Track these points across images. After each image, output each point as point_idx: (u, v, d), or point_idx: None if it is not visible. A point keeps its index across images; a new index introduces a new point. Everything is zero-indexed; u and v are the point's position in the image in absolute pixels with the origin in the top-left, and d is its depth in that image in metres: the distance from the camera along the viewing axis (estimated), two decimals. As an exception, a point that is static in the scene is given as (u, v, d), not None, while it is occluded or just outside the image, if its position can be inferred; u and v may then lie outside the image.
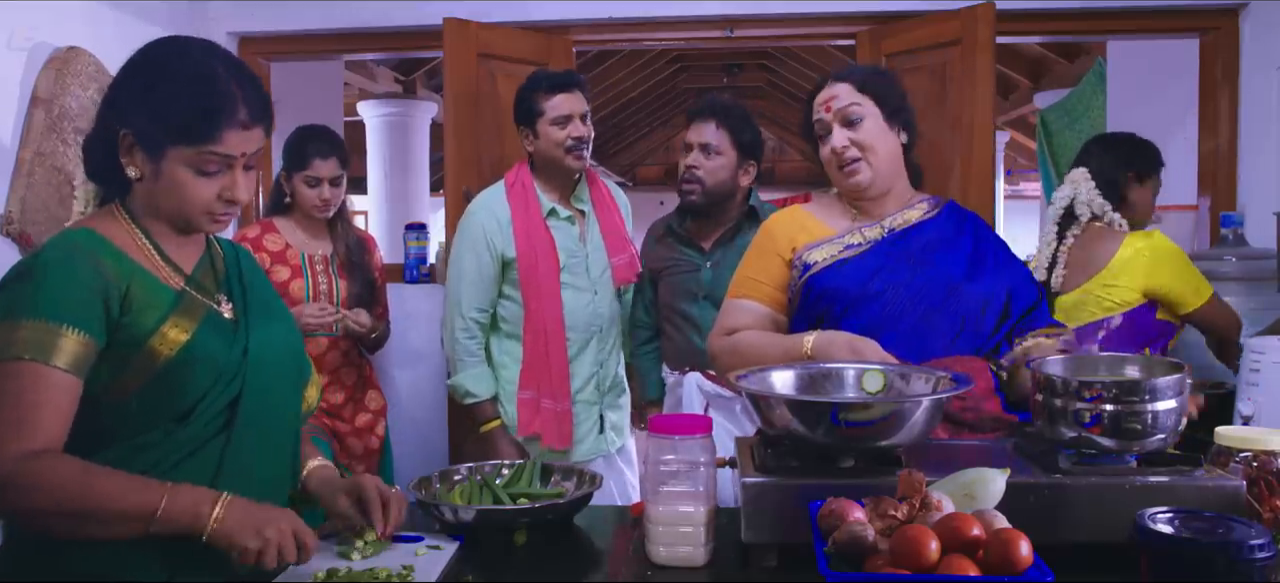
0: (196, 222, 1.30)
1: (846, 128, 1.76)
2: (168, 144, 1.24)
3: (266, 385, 1.33)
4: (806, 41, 6.11)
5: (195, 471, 1.25)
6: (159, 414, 1.25)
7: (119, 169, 1.28)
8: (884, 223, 1.80)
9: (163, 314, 1.25)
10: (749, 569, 1.32)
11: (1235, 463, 1.35)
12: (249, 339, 1.32)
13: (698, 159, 2.58)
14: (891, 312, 1.73)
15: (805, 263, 1.79)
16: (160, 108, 1.23)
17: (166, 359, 1.23)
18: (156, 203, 1.29)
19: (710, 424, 1.37)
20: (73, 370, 1.17)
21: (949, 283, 1.75)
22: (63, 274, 1.19)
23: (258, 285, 1.43)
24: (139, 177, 1.27)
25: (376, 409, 2.88)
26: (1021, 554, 1.03)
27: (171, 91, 1.24)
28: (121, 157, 1.26)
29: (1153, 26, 3.42)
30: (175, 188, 1.26)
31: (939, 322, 1.73)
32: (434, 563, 1.34)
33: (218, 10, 3.48)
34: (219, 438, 1.29)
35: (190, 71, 1.25)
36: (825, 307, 1.76)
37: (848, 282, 1.75)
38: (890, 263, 1.76)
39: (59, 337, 1.16)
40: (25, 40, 2.70)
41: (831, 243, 1.79)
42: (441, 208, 3.56)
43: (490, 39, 3.36)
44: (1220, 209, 3.18)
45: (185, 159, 1.24)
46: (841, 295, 1.74)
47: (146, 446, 1.24)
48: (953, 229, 1.82)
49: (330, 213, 2.77)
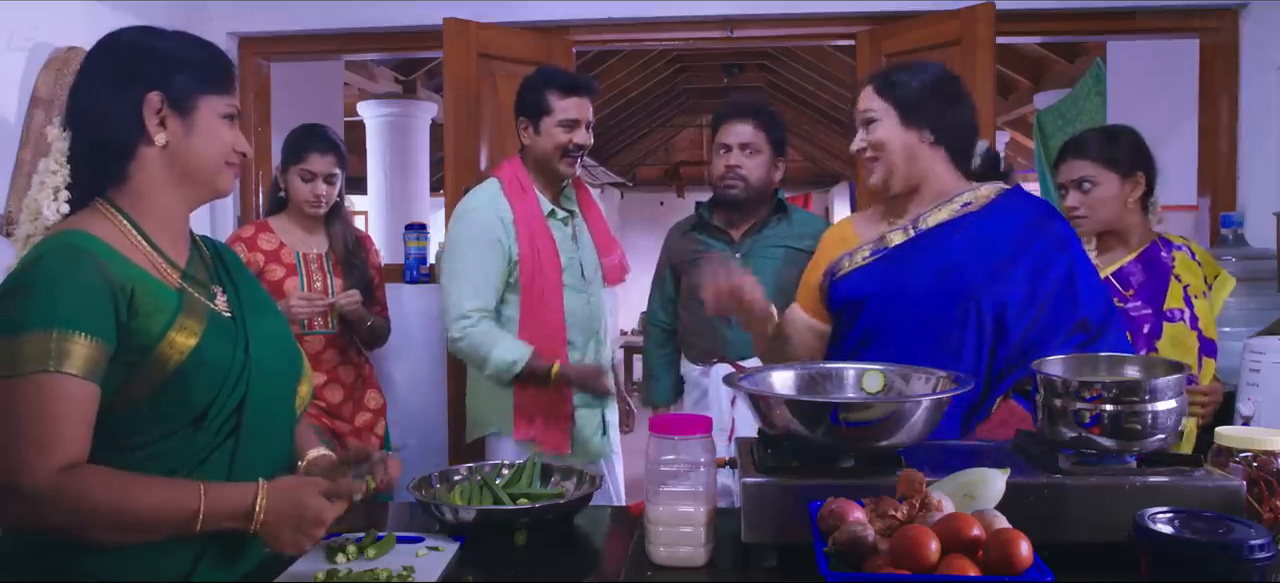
0: (223, 175, 1.36)
1: (863, 129, 1.81)
2: (202, 94, 1.31)
3: (268, 385, 1.34)
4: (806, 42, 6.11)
5: (208, 474, 1.25)
6: (173, 420, 1.25)
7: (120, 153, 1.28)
8: (909, 225, 1.80)
9: (169, 319, 1.24)
10: (749, 569, 1.32)
11: (1235, 463, 1.35)
12: (249, 338, 1.32)
13: (739, 158, 2.65)
14: (904, 317, 1.73)
15: (832, 270, 1.85)
16: (193, 62, 1.32)
17: (176, 365, 1.23)
18: (187, 163, 1.31)
19: (710, 424, 1.37)
20: (89, 377, 1.17)
21: (970, 286, 1.70)
22: (67, 279, 1.17)
23: (246, 279, 1.44)
24: (165, 143, 1.29)
25: (376, 409, 2.88)
26: (1021, 554, 1.03)
27: (193, 49, 1.33)
28: (148, 123, 1.28)
29: (1153, 26, 3.42)
30: (211, 137, 1.32)
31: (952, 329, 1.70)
32: (434, 564, 1.34)
33: (218, 10, 3.48)
34: (229, 442, 1.29)
35: (190, 37, 1.36)
36: (847, 314, 1.82)
37: (862, 288, 1.78)
38: (907, 267, 1.75)
39: (72, 344, 1.15)
40: (25, 40, 2.70)
41: (858, 250, 1.84)
42: (441, 208, 3.56)
43: (490, 39, 3.36)
44: (1220, 209, 3.18)
45: (215, 108, 1.33)
46: (857, 302, 1.79)
47: (161, 453, 1.24)
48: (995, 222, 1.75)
49: (323, 210, 2.76)
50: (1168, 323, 2.22)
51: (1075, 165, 2.29)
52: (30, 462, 1.13)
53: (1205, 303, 2.26)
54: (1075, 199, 2.29)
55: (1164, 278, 2.24)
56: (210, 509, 1.18)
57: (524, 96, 2.52)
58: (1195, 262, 2.29)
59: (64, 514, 1.14)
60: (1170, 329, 2.21)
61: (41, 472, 1.13)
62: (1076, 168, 2.29)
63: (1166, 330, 2.20)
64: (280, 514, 1.21)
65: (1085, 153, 2.29)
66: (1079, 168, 2.28)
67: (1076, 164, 2.29)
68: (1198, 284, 2.26)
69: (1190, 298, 2.23)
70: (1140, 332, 2.20)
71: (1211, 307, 2.29)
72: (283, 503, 1.22)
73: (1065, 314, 1.70)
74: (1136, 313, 2.22)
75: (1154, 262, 2.27)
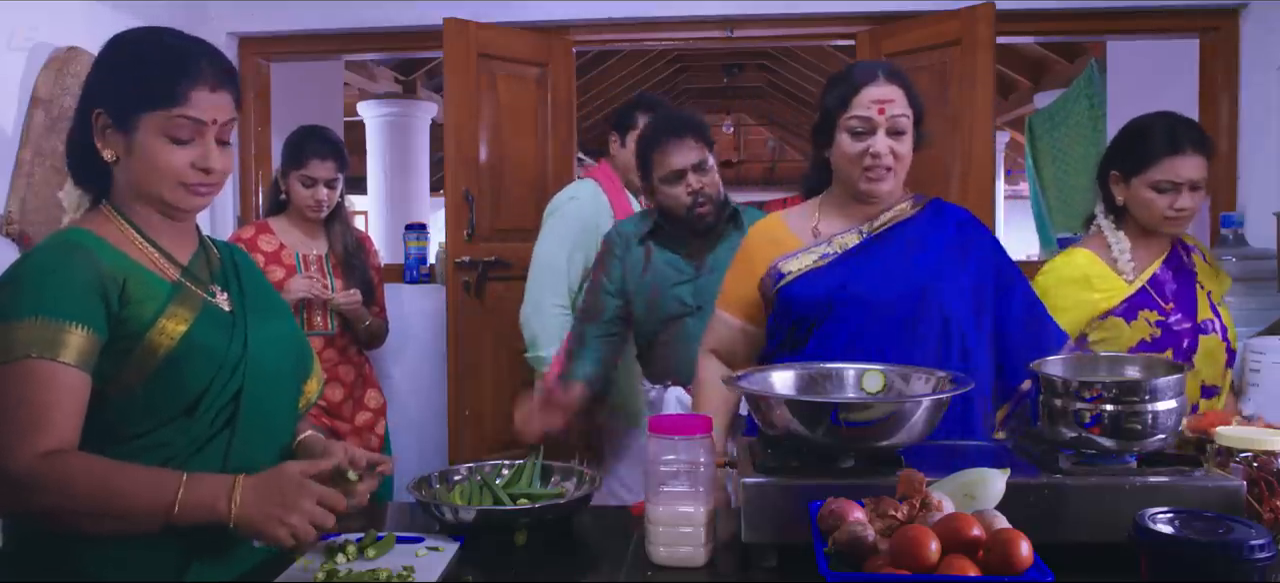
0: (173, 196, 1.27)
1: (891, 137, 1.70)
2: (139, 112, 1.24)
3: (267, 379, 1.34)
4: (806, 42, 6.11)
5: (203, 465, 1.26)
6: (166, 409, 1.25)
7: (98, 161, 1.28)
8: (865, 227, 1.77)
9: (160, 306, 1.25)
10: (749, 569, 1.32)
11: (1235, 463, 1.35)
12: (248, 333, 1.32)
13: (698, 179, 2.37)
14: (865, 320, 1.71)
15: (779, 272, 1.78)
16: (128, 76, 1.25)
17: (167, 351, 1.24)
18: (135, 184, 1.27)
19: (710, 424, 1.37)
20: (81, 366, 1.17)
21: (922, 285, 1.70)
22: (59, 272, 1.19)
23: (255, 282, 1.44)
24: (114, 158, 1.27)
25: (376, 408, 2.88)
26: (1021, 554, 1.03)
27: (137, 58, 1.26)
28: (96, 141, 1.26)
29: (1153, 26, 3.42)
30: (149, 157, 1.24)
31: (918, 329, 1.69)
32: (434, 564, 1.34)
33: (218, 10, 3.49)
34: (224, 433, 1.29)
35: (154, 41, 1.28)
36: (799, 316, 1.75)
37: (817, 291, 1.73)
38: (863, 270, 1.74)
39: (64, 333, 1.16)
40: (25, 40, 2.70)
41: (807, 252, 1.78)
42: (441, 208, 3.56)
43: (490, 39, 3.36)
44: (1220, 209, 3.18)
45: (157, 126, 1.24)
46: (813, 306, 1.73)
47: (157, 443, 1.24)
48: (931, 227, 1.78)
49: (324, 214, 2.77)
50: (1202, 335, 2.03)
51: (1194, 162, 1.97)
52: (14, 446, 1.13)
53: (1226, 309, 2.12)
54: (1189, 201, 1.99)
55: (1191, 285, 2.06)
56: (187, 498, 1.16)
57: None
58: (1207, 264, 2.15)
59: (47, 498, 1.14)
60: (1205, 342, 2.03)
61: (26, 455, 1.13)
62: (1194, 166, 1.98)
63: (1202, 344, 2.02)
64: (259, 500, 1.17)
65: (1203, 148, 1.99)
66: (1198, 166, 1.98)
67: (1196, 161, 1.98)
68: (1219, 290, 2.13)
69: (1215, 306, 2.08)
70: (1181, 348, 2.00)
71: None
72: (261, 487, 1.18)
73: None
74: (1177, 326, 2.01)
75: (1180, 267, 2.08)
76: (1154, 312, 2.02)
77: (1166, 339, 2.01)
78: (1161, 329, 2.02)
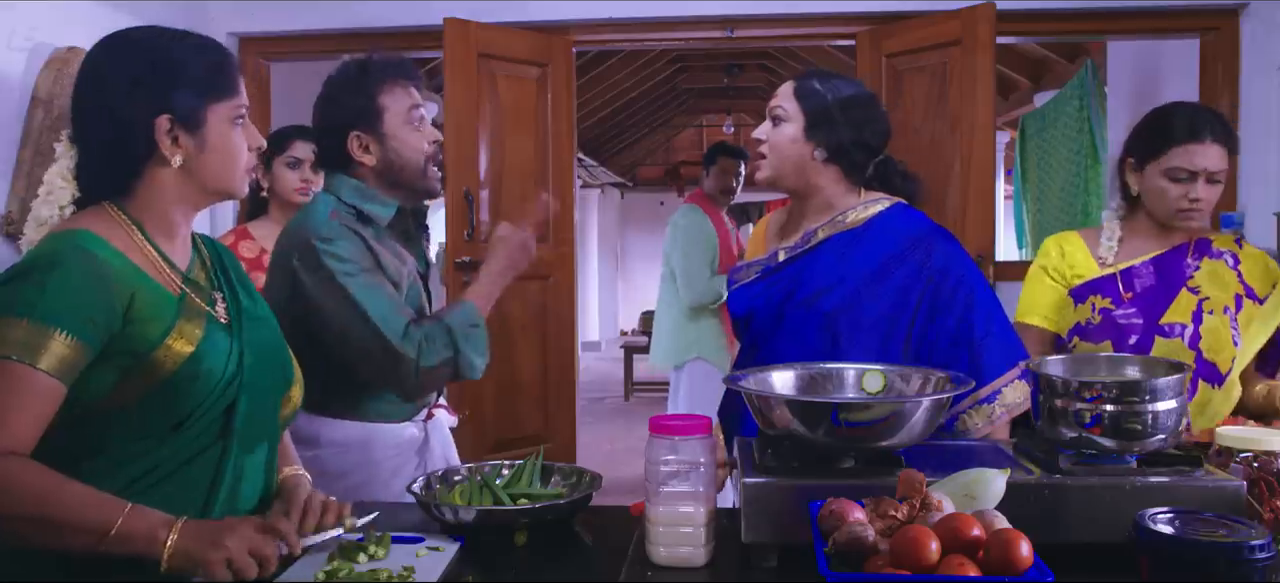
0: (241, 184, 1.33)
1: (771, 124, 1.78)
2: (209, 105, 1.27)
3: (259, 393, 1.33)
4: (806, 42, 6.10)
5: (193, 478, 1.25)
6: (155, 424, 1.24)
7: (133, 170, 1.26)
8: (793, 245, 1.81)
9: (166, 326, 1.23)
10: (749, 570, 1.32)
11: (1235, 463, 1.35)
12: (243, 349, 1.32)
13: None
14: (780, 337, 1.76)
15: (731, 278, 1.89)
16: (194, 74, 1.27)
17: (170, 373, 1.23)
18: (205, 180, 1.29)
19: (710, 424, 1.37)
20: (57, 375, 1.15)
21: (830, 309, 1.71)
22: (64, 277, 1.17)
23: (244, 285, 1.43)
24: (183, 161, 1.27)
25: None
26: (1021, 554, 1.03)
27: (192, 57, 1.28)
28: (161, 144, 1.25)
29: (1153, 26, 3.42)
30: (225, 147, 1.30)
31: (827, 354, 1.68)
32: (434, 564, 1.34)
33: (218, 10, 3.49)
34: (216, 446, 1.28)
35: (187, 39, 1.30)
36: (740, 324, 1.86)
37: (745, 305, 1.83)
38: (780, 288, 1.78)
39: (48, 339, 1.14)
40: (25, 40, 2.70)
41: (750, 265, 1.86)
42: (442, 208, 3.56)
43: (490, 39, 3.36)
44: (1220, 209, 3.18)
45: (225, 115, 1.29)
46: (743, 318, 1.84)
47: (139, 454, 1.23)
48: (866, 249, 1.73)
49: (309, 198, 2.70)
50: (1162, 338, 1.94)
51: (1214, 151, 1.87)
52: None
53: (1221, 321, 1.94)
54: (1205, 192, 1.90)
55: (1174, 287, 1.96)
56: (125, 526, 1.12)
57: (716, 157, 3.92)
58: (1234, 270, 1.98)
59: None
60: (1163, 345, 1.93)
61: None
62: (1214, 156, 1.88)
63: (1159, 346, 1.93)
64: (198, 532, 1.14)
65: (1225, 139, 1.89)
66: (1217, 156, 1.88)
67: (1215, 151, 1.88)
68: (1222, 298, 1.95)
69: (1201, 315, 1.94)
70: (1125, 343, 1.93)
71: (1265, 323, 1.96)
72: (203, 525, 1.16)
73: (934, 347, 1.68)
74: (1125, 320, 1.95)
75: (1170, 268, 1.97)
76: (1106, 298, 1.97)
77: (1105, 330, 1.95)
78: (1103, 317, 1.96)
